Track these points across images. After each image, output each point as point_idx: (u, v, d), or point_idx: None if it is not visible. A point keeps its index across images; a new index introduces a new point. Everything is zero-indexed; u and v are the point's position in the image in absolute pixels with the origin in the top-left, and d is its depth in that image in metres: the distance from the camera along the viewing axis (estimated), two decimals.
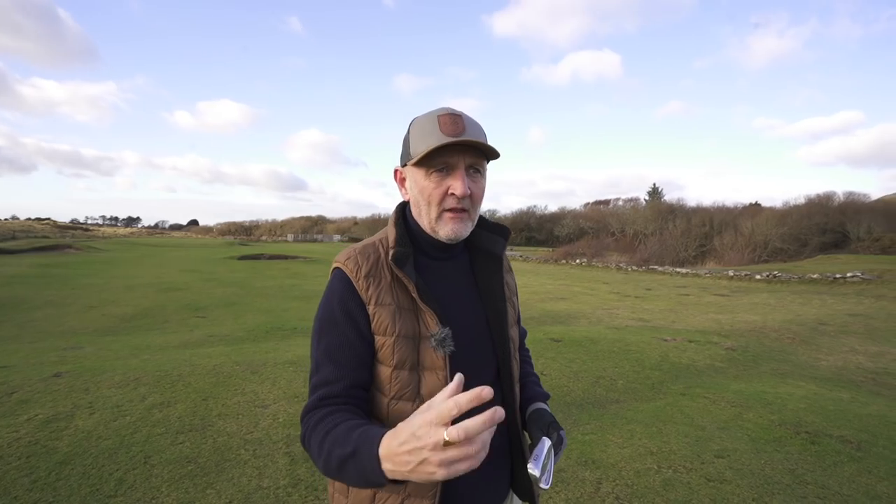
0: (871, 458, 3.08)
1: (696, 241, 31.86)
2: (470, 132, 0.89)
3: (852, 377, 5.72)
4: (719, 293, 14.23)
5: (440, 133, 0.87)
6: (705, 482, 2.61)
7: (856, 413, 3.98)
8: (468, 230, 0.94)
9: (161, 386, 3.89)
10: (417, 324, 0.90)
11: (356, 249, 0.94)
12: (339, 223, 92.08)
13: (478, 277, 1.00)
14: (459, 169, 0.89)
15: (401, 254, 0.90)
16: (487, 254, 1.01)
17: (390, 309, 0.88)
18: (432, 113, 0.91)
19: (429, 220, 0.93)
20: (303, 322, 8.78)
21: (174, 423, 3.17)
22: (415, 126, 0.93)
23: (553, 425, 0.96)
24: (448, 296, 0.94)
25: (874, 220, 27.60)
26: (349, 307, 0.88)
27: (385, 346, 0.88)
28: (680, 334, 7.32)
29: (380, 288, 0.89)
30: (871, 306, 11.55)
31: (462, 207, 0.91)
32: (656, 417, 3.67)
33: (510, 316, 1.01)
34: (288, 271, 20.10)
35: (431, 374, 0.88)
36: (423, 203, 0.92)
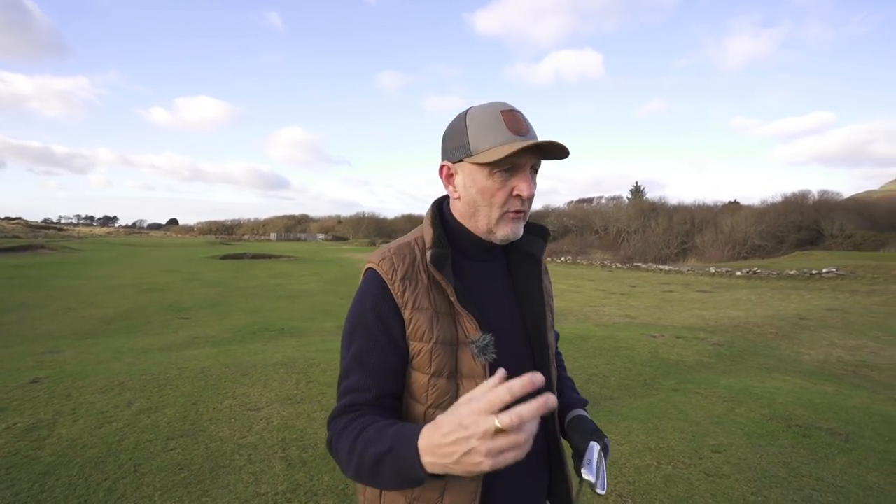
0: (860, 449, 3.15)
1: (677, 239, 32.40)
2: (532, 131, 0.86)
3: (834, 370, 5.87)
4: (702, 290, 14.50)
5: (507, 131, 0.83)
6: (705, 477, 2.63)
7: (841, 405, 4.07)
8: (522, 230, 0.91)
9: (147, 390, 3.77)
10: (455, 329, 0.85)
11: (391, 250, 0.89)
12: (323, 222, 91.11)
13: (515, 280, 0.96)
14: (525, 169, 0.85)
15: (439, 255, 0.85)
16: (526, 255, 0.97)
17: (427, 314, 0.84)
18: (491, 107, 0.86)
19: (487, 221, 0.88)
20: (290, 322, 8.65)
21: (164, 428, 3.07)
22: (474, 119, 0.86)
23: (597, 433, 0.92)
24: (486, 299, 0.90)
25: (846, 217, 28.46)
26: (383, 311, 0.84)
27: (422, 352, 0.83)
28: (667, 331, 7.42)
29: (416, 291, 0.85)
30: (846, 301, 11.90)
31: (523, 209, 0.88)
32: (651, 413, 3.70)
33: (548, 320, 0.97)
34: (272, 271, 19.82)
35: (470, 381, 0.84)
36: (484, 203, 0.87)
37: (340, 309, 10.88)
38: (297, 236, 77.40)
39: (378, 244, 48.82)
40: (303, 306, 11.27)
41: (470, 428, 0.61)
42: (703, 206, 36.94)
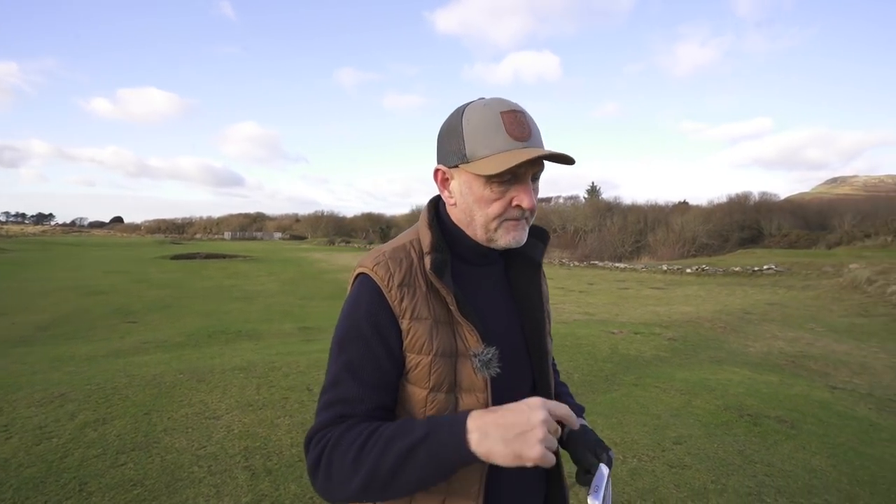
0: (804, 435, 3.36)
1: (632, 238, 33.69)
2: (535, 134, 0.79)
3: (776, 361, 6.26)
4: (655, 286, 15.13)
5: (507, 136, 0.76)
6: (668, 469, 2.72)
7: (785, 394, 4.34)
8: (526, 236, 0.85)
9: (93, 401, 3.51)
10: (455, 340, 0.80)
11: (386, 254, 0.82)
12: (280, 220, 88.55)
13: (514, 285, 0.91)
14: (526, 179, 0.79)
15: (439, 261, 0.79)
16: (526, 259, 0.91)
17: (427, 324, 0.78)
18: (491, 106, 0.79)
19: (485, 231, 0.82)
20: (247, 325, 8.34)
21: (113, 442, 2.86)
22: (471, 120, 0.79)
23: (600, 445, 0.88)
24: (485, 306, 0.85)
25: (783, 217, 30.55)
26: (379, 320, 0.77)
27: (420, 365, 0.78)
28: (625, 327, 7.67)
29: (415, 299, 0.79)
30: (784, 296, 12.75)
31: (525, 217, 0.83)
32: (614, 408, 3.80)
33: (547, 329, 0.93)
34: (227, 271, 19.06)
35: (470, 395, 0.79)
36: (480, 213, 0.81)
37: (300, 310, 10.60)
38: (252, 235, 74.81)
39: (337, 243, 47.92)
40: (260, 307, 10.90)
41: (537, 413, 0.67)
42: (656, 205, 38.65)
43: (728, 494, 2.49)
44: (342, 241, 50.79)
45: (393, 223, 61.34)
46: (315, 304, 11.70)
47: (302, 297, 12.63)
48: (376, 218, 66.17)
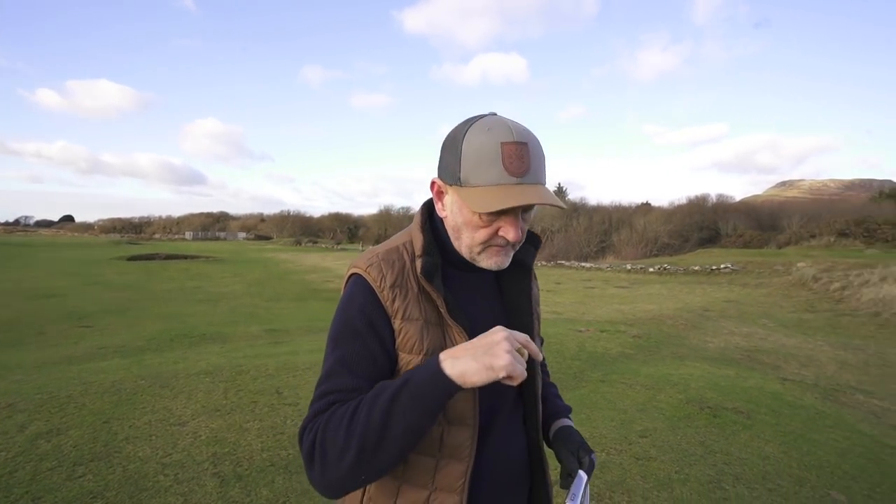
0: (759, 424, 3.56)
1: (597, 238, 34.59)
2: (534, 169, 0.77)
3: (733, 356, 6.58)
4: (620, 285, 15.59)
5: (502, 170, 0.75)
6: (635, 461, 2.83)
7: (741, 387, 4.57)
8: (509, 261, 0.86)
9: (45, 411, 3.32)
10: (444, 340, 0.82)
11: (379, 255, 0.84)
12: (244, 220, 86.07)
13: (504, 289, 0.93)
14: (516, 214, 0.79)
15: (430, 265, 0.81)
16: (517, 264, 0.92)
17: (418, 324, 0.80)
18: (494, 133, 0.77)
19: (469, 252, 0.84)
20: (211, 328, 8.08)
21: (69, 453, 2.72)
22: (472, 142, 0.78)
23: (583, 448, 0.90)
24: (474, 309, 0.87)
25: (738, 218, 32.09)
26: (373, 318, 0.80)
27: (410, 364, 0.80)
28: (592, 325, 7.88)
29: (407, 301, 0.81)
30: (739, 293, 13.39)
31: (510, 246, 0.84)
32: (583, 404, 3.90)
33: (535, 330, 0.94)
34: (189, 272, 18.39)
35: (461, 396, 0.79)
36: (467, 235, 0.82)
37: (266, 312, 10.35)
38: (215, 235, 72.41)
39: (304, 243, 47.00)
40: (225, 310, 10.58)
41: (498, 334, 0.72)
42: (620, 206, 39.84)
43: (691, 483, 2.61)
44: (309, 241, 49.83)
45: (361, 223, 60.71)
46: (282, 305, 11.46)
47: (269, 299, 12.34)
48: (344, 218, 65.32)
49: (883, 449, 3.29)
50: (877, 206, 29.17)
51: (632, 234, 32.13)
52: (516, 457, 0.90)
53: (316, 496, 2.36)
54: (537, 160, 0.79)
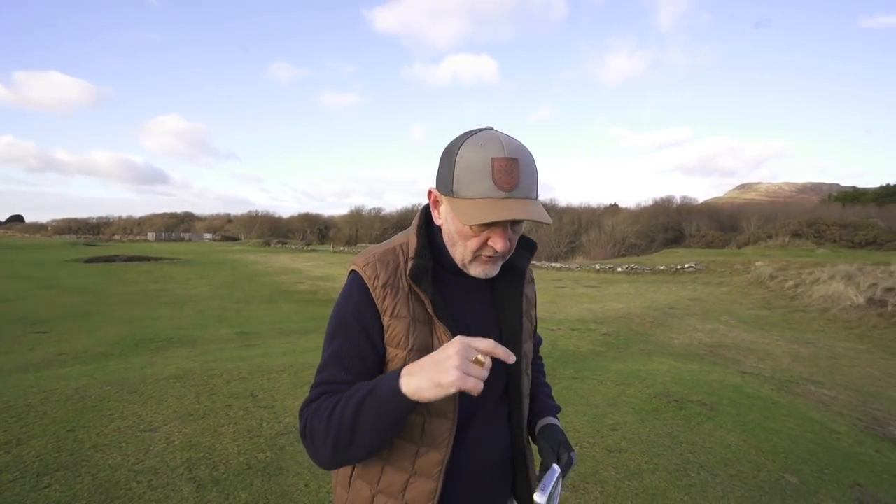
0: (721, 415, 3.74)
1: (567, 238, 35.28)
2: (523, 184, 0.81)
3: (697, 351, 6.87)
4: (590, 285, 15.97)
5: (492, 184, 0.79)
6: (607, 453, 2.94)
7: (705, 380, 4.79)
8: (498, 269, 0.91)
9: (3, 421, 3.16)
10: (431, 338, 0.87)
11: (376, 255, 0.90)
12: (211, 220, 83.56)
13: (496, 292, 0.97)
14: (504, 226, 0.83)
15: (419, 267, 0.86)
16: (510, 267, 0.96)
17: (405, 322, 0.86)
18: (486, 148, 0.80)
19: (461, 259, 0.88)
20: (179, 331, 7.85)
21: (31, 463, 2.61)
22: (464, 156, 0.82)
23: (564, 445, 0.94)
24: (463, 310, 0.91)
25: (701, 219, 33.37)
26: (364, 316, 0.86)
27: (397, 358, 0.86)
28: (563, 324, 8.07)
29: (396, 299, 0.86)
30: (703, 291, 13.94)
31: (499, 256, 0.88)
32: (556, 400, 4.00)
33: (525, 331, 0.99)
34: (152, 275, 17.74)
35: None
36: (459, 243, 0.87)
37: (236, 314, 10.12)
38: (180, 236, 70.02)
39: (273, 244, 46.02)
40: (192, 313, 10.28)
41: (453, 346, 0.73)
42: (589, 208, 40.76)
43: (659, 472, 2.73)
44: (278, 242, 48.81)
45: (331, 223, 59.86)
46: (252, 307, 11.21)
47: (238, 301, 12.05)
48: (314, 218, 64.30)
49: (831, 434, 3.52)
50: (826, 208, 30.93)
51: (600, 234, 32.94)
52: (498, 451, 0.94)
53: (296, 498, 2.36)
54: (528, 175, 0.82)
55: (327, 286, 15.33)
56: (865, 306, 9.30)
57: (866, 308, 9.24)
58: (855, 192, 35.81)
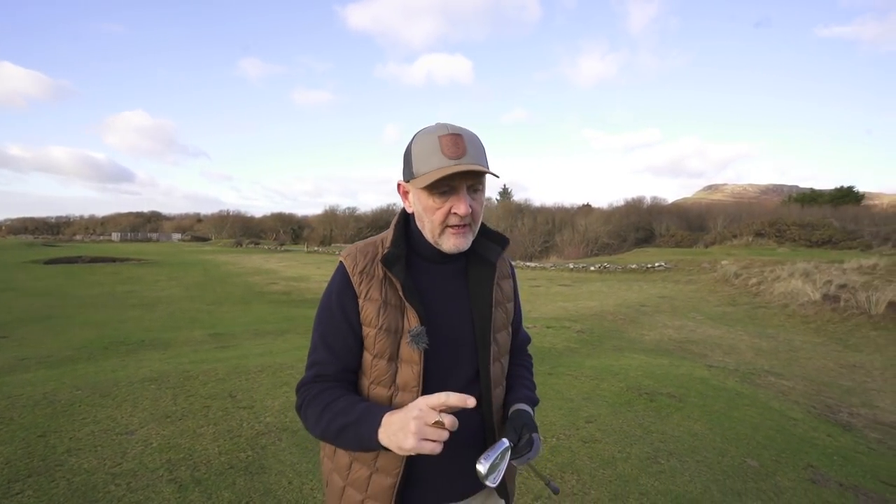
0: (689, 406, 3.93)
1: (541, 238, 35.78)
2: (470, 153, 0.93)
3: (667, 347, 7.13)
4: (564, 284, 16.27)
5: (442, 155, 0.91)
6: (582, 444, 3.05)
7: (674, 374, 4.99)
8: (469, 243, 1.00)
9: None
10: (402, 320, 0.98)
11: (358, 247, 1.03)
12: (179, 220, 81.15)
13: (470, 282, 1.05)
14: (461, 191, 0.94)
15: (391, 255, 0.98)
16: (482, 260, 1.06)
17: (376, 304, 0.97)
18: (433, 131, 0.95)
19: (432, 236, 0.99)
20: (149, 333, 7.65)
21: (1, 470, 2.55)
22: (416, 144, 0.96)
23: (527, 427, 0.97)
24: (436, 297, 1.00)
25: (670, 219, 34.36)
26: (343, 299, 0.99)
27: (369, 336, 0.98)
28: (538, 322, 8.23)
29: (371, 284, 0.98)
30: (672, 289, 14.40)
31: (465, 223, 0.97)
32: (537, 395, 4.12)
33: (497, 320, 1.06)
34: (119, 276, 17.15)
35: (407, 366, 0.97)
36: (427, 220, 0.98)
37: (209, 316, 9.91)
38: (147, 236, 67.70)
39: (245, 244, 45.02)
40: (163, 315, 10.01)
41: (412, 410, 0.82)
42: (562, 208, 41.41)
43: (632, 460, 2.86)
44: (251, 242, 47.81)
45: (305, 223, 58.92)
46: (226, 309, 10.99)
47: (210, 303, 11.79)
48: (287, 218, 63.16)
49: (788, 421, 3.75)
50: (787, 209, 32.33)
51: (574, 234, 33.53)
52: (467, 433, 0.97)
53: (280, 495, 2.38)
54: (473, 147, 0.94)
55: (302, 287, 15.15)
56: (821, 302, 9.81)
57: (822, 303, 9.75)
58: (812, 194, 37.52)
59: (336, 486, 1.04)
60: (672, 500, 2.48)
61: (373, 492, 0.98)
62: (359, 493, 0.99)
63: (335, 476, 1.04)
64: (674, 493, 2.54)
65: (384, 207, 56.64)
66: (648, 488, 2.57)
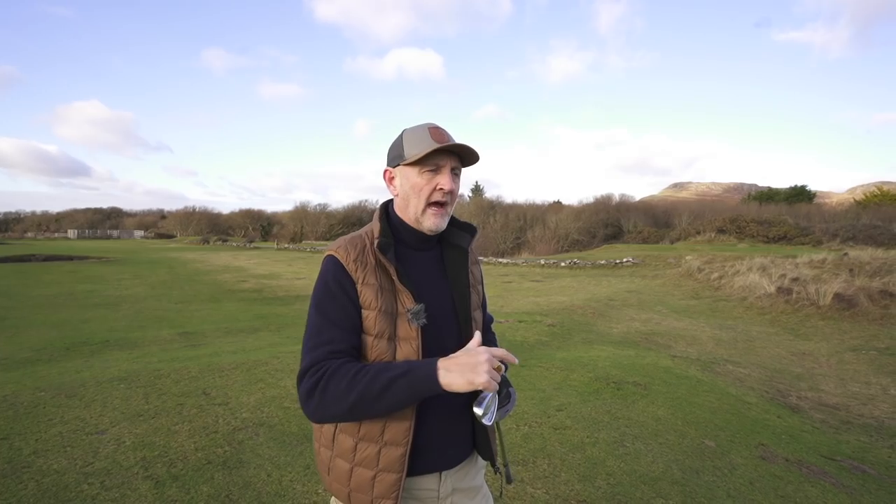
0: (653, 394, 4.13)
1: (513, 234, 36.21)
2: (454, 141, 1.10)
3: (633, 339, 7.40)
4: (535, 279, 16.58)
5: (431, 140, 1.07)
6: (553, 431, 3.19)
7: (640, 364, 5.22)
8: (446, 223, 1.15)
9: None
10: (396, 302, 1.07)
11: (345, 240, 1.11)
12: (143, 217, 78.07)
13: (447, 267, 1.19)
14: (446, 169, 1.10)
15: (384, 243, 1.08)
16: (456, 247, 1.21)
17: (374, 288, 1.06)
18: (422, 126, 1.12)
19: (415, 212, 1.11)
20: (114, 333, 7.41)
21: None
22: (407, 134, 1.12)
23: (504, 382, 1.11)
24: (422, 280, 1.12)
25: (638, 216, 35.31)
26: (343, 284, 1.05)
27: (368, 318, 1.05)
28: (511, 316, 8.40)
29: (366, 271, 1.06)
30: (639, 284, 14.89)
31: (444, 201, 1.11)
32: None
33: (473, 300, 1.20)
34: (78, 275, 16.42)
35: (406, 343, 1.06)
36: (414, 196, 1.10)
37: (177, 315, 9.65)
38: (107, 234, 64.90)
39: (213, 242, 43.77)
40: (128, 314, 9.67)
41: (481, 354, 0.96)
42: (534, 204, 41.94)
43: (600, 445, 3.02)
44: (218, 239, 46.45)
45: (275, 220, 57.71)
46: (195, 307, 10.72)
47: (178, 301, 11.46)
48: (256, 214, 61.65)
49: (744, 405, 4.00)
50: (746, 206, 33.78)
51: (545, 230, 34.08)
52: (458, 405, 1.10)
53: (259, 488, 2.40)
54: (455, 139, 1.10)
55: (273, 284, 14.90)
56: (776, 294, 10.37)
57: (776, 296, 10.30)
58: (770, 192, 39.33)
59: (342, 471, 1.07)
60: (636, 479, 2.63)
61: (384, 465, 1.03)
62: (369, 469, 1.04)
63: (339, 461, 1.08)
64: (638, 472, 2.70)
65: (356, 204, 55.99)
66: (615, 469, 2.72)
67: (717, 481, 2.68)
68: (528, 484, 2.52)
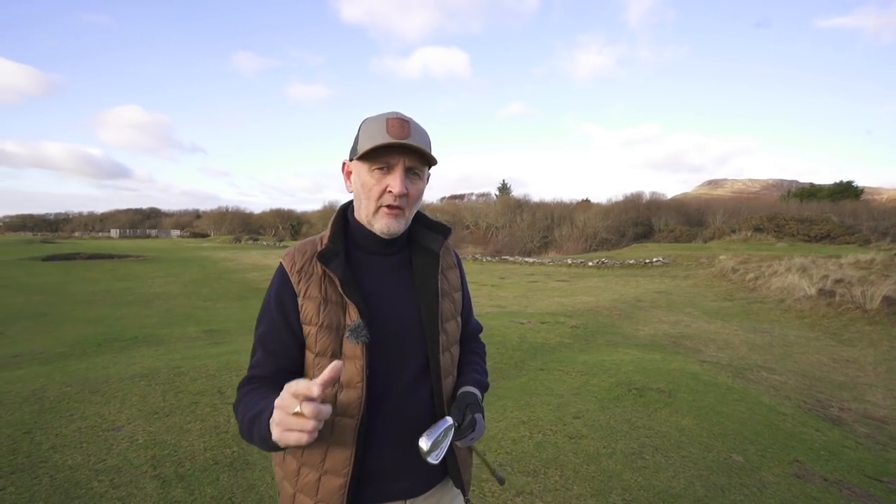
0: (678, 402, 3.93)
1: (539, 233, 35.76)
2: (414, 137, 0.95)
3: (661, 342, 7.12)
4: (561, 279, 16.27)
5: (385, 134, 0.93)
6: (568, 440, 3.05)
7: (665, 369, 4.99)
8: (402, 227, 1.00)
9: None
10: (343, 316, 0.96)
11: (297, 247, 1.03)
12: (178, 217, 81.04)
13: (414, 273, 1.05)
14: (398, 169, 0.96)
15: (328, 251, 0.98)
16: (425, 250, 1.07)
17: (316, 301, 0.96)
18: (382, 115, 0.98)
19: (366, 214, 1.00)
20: (144, 330, 7.64)
21: None
22: (364, 125, 1.00)
23: (471, 407, 0.99)
24: (380, 290, 1.00)
25: (669, 214, 34.28)
26: (282, 300, 0.98)
27: (310, 334, 0.96)
28: (533, 317, 8.23)
29: (310, 282, 0.97)
30: (669, 284, 14.40)
31: (398, 205, 0.97)
32: (522, 391, 4.13)
33: (445, 310, 1.06)
34: (116, 273, 17.14)
35: (350, 362, 0.94)
36: (364, 197, 0.99)
37: (205, 312, 9.91)
38: (146, 233, 67.70)
39: (244, 241, 45.00)
40: (159, 311, 10.00)
41: (281, 401, 0.77)
42: (561, 203, 41.32)
43: (616, 456, 2.87)
44: (249, 238, 47.73)
45: (304, 220, 58.85)
46: (221, 305, 10.99)
47: (206, 299, 11.79)
48: (286, 214, 63.04)
49: (777, 416, 3.75)
50: (786, 204, 32.28)
51: (572, 229, 33.50)
52: (417, 423, 0.98)
53: (263, 491, 2.38)
54: (418, 133, 0.97)
55: None
56: (817, 297, 9.80)
57: (817, 298, 9.74)
58: (812, 189, 37.44)
59: (287, 495, 1.01)
60: (655, 495, 2.48)
61: (323, 495, 0.95)
62: (309, 497, 0.97)
63: (285, 484, 1.02)
64: (657, 488, 2.54)
65: None
66: (631, 484, 2.57)
67: (744, 500, 2.49)
68: (537, 497, 2.41)
